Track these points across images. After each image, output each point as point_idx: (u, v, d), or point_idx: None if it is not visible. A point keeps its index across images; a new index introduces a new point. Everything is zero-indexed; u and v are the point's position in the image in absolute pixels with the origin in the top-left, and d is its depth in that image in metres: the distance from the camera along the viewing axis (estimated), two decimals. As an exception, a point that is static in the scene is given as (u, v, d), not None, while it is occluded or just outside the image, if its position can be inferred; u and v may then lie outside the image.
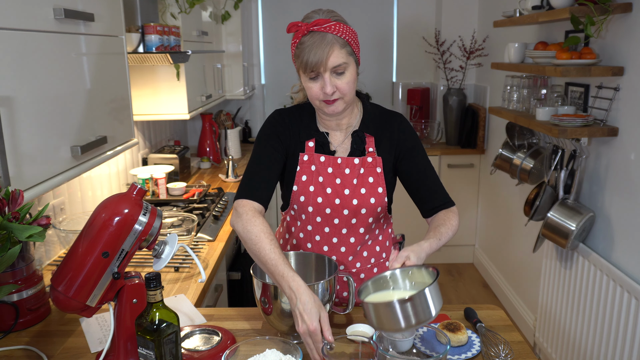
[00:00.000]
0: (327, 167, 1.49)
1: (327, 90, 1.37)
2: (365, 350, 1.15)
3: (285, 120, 1.54)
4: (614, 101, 2.21)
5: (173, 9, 2.55)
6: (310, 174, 1.49)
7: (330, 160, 1.50)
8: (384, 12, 4.42)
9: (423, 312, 1.08)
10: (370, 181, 1.48)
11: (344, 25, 1.39)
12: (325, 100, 1.41)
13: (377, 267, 1.59)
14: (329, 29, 1.35)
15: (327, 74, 1.37)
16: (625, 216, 2.16)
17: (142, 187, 1.21)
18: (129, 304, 1.21)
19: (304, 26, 1.37)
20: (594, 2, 2.13)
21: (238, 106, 4.42)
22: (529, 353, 1.31)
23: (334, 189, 1.48)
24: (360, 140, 1.51)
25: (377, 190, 1.49)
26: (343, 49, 1.36)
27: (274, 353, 1.14)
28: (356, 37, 1.42)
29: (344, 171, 1.49)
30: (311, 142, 1.51)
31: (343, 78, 1.38)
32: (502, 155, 3.05)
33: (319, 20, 1.36)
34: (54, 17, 1.31)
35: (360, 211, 1.48)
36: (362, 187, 1.48)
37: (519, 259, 3.36)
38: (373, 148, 1.50)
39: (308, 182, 1.49)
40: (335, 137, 1.52)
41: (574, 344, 2.45)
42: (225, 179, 3.15)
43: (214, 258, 1.98)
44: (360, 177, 1.48)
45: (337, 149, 1.52)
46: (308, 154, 1.50)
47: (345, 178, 1.48)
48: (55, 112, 1.33)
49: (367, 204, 1.48)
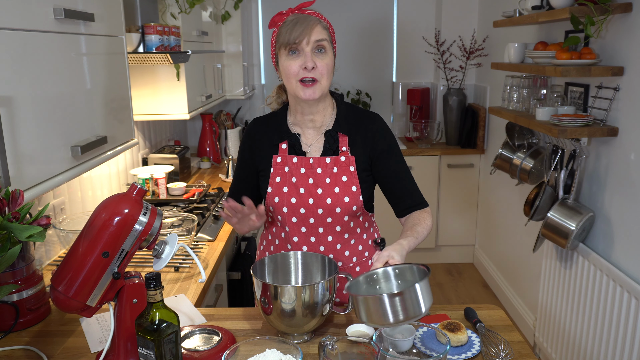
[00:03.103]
0: (300, 167, 1.51)
1: (308, 64, 1.39)
2: (366, 350, 1.15)
3: (259, 128, 1.58)
4: (613, 101, 2.21)
5: (173, 9, 2.55)
6: (283, 175, 1.52)
7: (302, 160, 1.51)
8: (384, 12, 4.42)
9: (413, 307, 1.10)
10: (343, 180, 1.49)
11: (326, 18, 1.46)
12: (302, 82, 1.42)
13: (360, 265, 1.61)
14: (311, 13, 1.43)
15: (309, 49, 1.40)
16: (625, 216, 2.16)
17: (142, 187, 1.21)
18: (129, 304, 1.21)
19: (288, 10, 1.44)
20: (594, 2, 2.13)
21: (238, 106, 4.42)
22: (528, 353, 1.31)
23: (307, 188, 1.50)
24: (333, 139, 1.52)
25: (351, 189, 1.49)
26: (325, 30, 1.42)
27: (274, 353, 1.15)
28: (335, 38, 1.49)
29: (316, 171, 1.50)
30: (284, 144, 1.53)
31: (323, 58, 1.41)
32: (502, 155, 3.05)
33: (303, 4, 1.44)
34: (54, 17, 1.31)
35: (335, 210, 1.49)
36: (336, 186, 1.49)
37: (519, 259, 3.36)
38: (346, 147, 1.51)
39: (282, 184, 1.51)
40: (308, 137, 1.54)
41: (573, 344, 2.45)
42: (225, 179, 3.15)
43: (214, 258, 1.98)
44: (334, 176, 1.50)
45: (310, 148, 1.53)
46: (281, 155, 1.53)
47: (318, 177, 1.50)
48: (55, 112, 1.33)
49: (341, 202, 1.49)
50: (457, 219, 4.18)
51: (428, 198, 4.38)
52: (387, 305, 1.09)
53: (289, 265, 1.47)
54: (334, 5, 4.32)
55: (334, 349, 1.15)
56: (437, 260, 4.30)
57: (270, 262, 1.45)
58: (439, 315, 1.45)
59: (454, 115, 4.08)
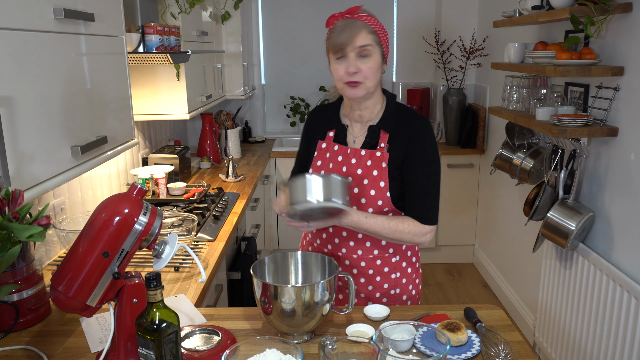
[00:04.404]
0: (339, 155, 1.61)
1: (350, 69, 1.48)
2: (366, 350, 1.15)
3: (315, 115, 1.73)
4: (613, 101, 2.21)
5: (173, 9, 2.55)
6: (324, 160, 1.64)
7: (342, 149, 1.61)
8: (384, 12, 4.42)
9: (328, 192, 1.38)
10: (374, 174, 1.55)
11: (375, 19, 1.52)
12: (347, 83, 1.50)
13: (381, 259, 1.63)
14: (360, 17, 1.49)
15: (353, 54, 1.48)
16: (625, 216, 2.16)
17: (142, 187, 1.21)
18: (129, 304, 1.21)
19: (339, 14, 1.52)
20: (594, 2, 2.13)
21: (238, 106, 4.43)
22: (528, 353, 1.31)
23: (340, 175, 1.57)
24: (375, 134, 1.59)
25: (379, 184, 1.55)
26: (370, 34, 1.48)
27: (274, 353, 1.14)
28: (386, 35, 1.54)
29: (351, 161, 1.59)
30: (332, 132, 1.65)
31: (367, 62, 1.48)
32: (501, 155, 3.05)
33: (353, 8, 1.51)
34: (54, 17, 1.31)
35: (361, 200, 1.56)
36: (366, 178, 1.56)
37: (518, 259, 3.36)
38: (385, 144, 1.57)
39: (321, 167, 1.64)
40: (354, 130, 1.63)
41: (573, 343, 2.45)
42: (225, 179, 3.15)
43: (214, 258, 1.98)
44: (366, 169, 1.56)
45: (354, 141, 1.62)
46: (327, 142, 1.65)
47: (351, 167, 1.58)
48: (55, 112, 1.33)
49: (367, 194, 1.56)
50: (457, 219, 4.18)
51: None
52: (309, 183, 1.39)
53: (288, 265, 1.47)
54: (336, 5, 4.32)
55: (334, 349, 1.15)
56: (437, 260, 4.30)
57: (270, 262, 1.45)
58: (439, 315, 1.45)
59: (453, 115, 4.08)
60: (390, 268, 1.66)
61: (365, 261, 1.64)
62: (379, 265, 1.64)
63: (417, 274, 1.74)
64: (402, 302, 1.70)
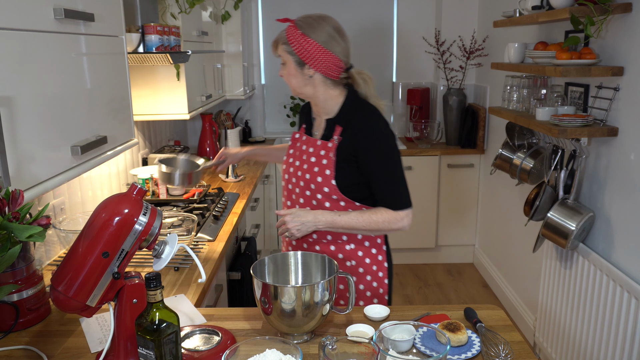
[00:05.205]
0: (303, 144, 1.77)
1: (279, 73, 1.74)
2: (366, 350, 1.15)
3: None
4: (613, 101, 2.21)
5: (173, 9, 2.55)
6: (294, 148, 1.81)
7: (306, 140, 1.77)
8: (384, 12, 4.42)
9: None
10: (323, 162, 1.68)
11: (297, 30, 1.63)
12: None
13: (334, 245, 1.72)
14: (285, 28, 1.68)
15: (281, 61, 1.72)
16: (625, 216, 2.16)
17: (142, 187, 1.21)
18: (129, 304, 1.21)
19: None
20: (594, 2, 2.13)
21: (238, 106, 4.42)
22: (528, 353, 1.31)
23: (300, 164, 1.74)
24: (330, 127, 1.71)
25: (325, 172, 1.67)
26: (283, 45, 1.67)
27: (274, 353, 1.14)
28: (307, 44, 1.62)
29: (309, 149, 1.73)
30: (304, 125, 1.83)
31: (284, 68, 1.71)
32: (502, 155, 3.05)
33: (287, 19, 1.70)
34: (54, 17, 1.31)
35: (310, 186, 1.70)
36: (316, 165, 1.69)
37: (519, 259, 3.36)
38: (337, 136, 1.67)
39: (288, 156, 1.81)
40: (318, 123, 1.78)
41: (574, 344, 2.45)
42: (225, 179, 3.15)
43: (214, 258, 1.98)
44: (319, 157, 1.69)
45: (316, 133, 1.77)
46: (300, 133, 1.83)
47: (309, 155, 1.72)
48: (55, 112, 1.33)
49: (314, 181, 1.68)
50: (457, 219, 4.18)
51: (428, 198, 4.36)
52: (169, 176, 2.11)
53: (288, 265, 1.47)
54: (334, 5, 4.32)
55: (334, 349, 1.15)
56: (437, 260, 4.30)
57: (270, 262, 1.45)
58: (439, 315, 1.45)
59: (454, 115, 4.08)
60: (345, 255, 1.73)
61: (319, 245, 1.74)
62: (333, 251, 1.74)
63: (381, 268, 1.76)
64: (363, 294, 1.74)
